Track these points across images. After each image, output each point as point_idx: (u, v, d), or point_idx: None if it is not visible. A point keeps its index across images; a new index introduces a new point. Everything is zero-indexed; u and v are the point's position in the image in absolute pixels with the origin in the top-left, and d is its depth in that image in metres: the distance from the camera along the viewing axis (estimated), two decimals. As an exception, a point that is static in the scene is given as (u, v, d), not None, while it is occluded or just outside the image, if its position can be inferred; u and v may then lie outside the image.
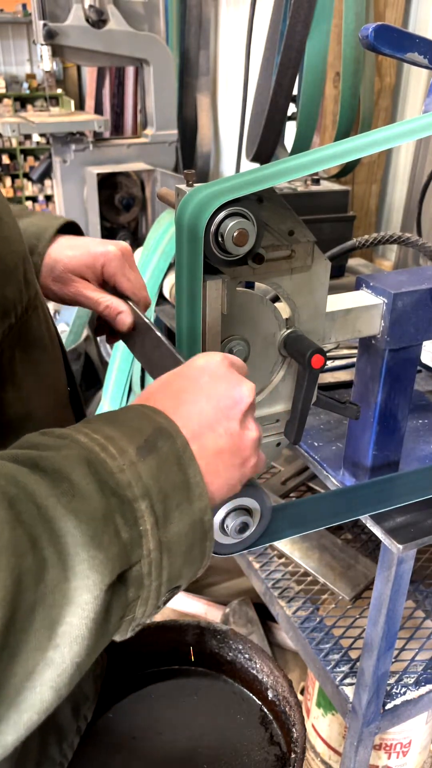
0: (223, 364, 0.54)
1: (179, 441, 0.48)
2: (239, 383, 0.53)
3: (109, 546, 0.42)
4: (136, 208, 2.70)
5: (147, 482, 0.45)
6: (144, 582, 0.45)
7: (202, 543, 0.49)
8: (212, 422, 0.51)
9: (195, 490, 0.48)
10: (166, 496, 0.46)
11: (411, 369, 0.87)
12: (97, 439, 0.46)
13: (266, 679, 1.01)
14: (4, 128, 2.51)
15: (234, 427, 0.52)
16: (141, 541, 0.44)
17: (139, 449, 0.46)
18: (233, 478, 0.53)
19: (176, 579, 0.48)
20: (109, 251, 0.77)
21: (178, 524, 0.46)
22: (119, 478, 0.44)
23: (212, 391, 0.52)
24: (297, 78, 1.86)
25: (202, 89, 3.15)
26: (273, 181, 0.58)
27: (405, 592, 0.95)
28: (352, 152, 0.61)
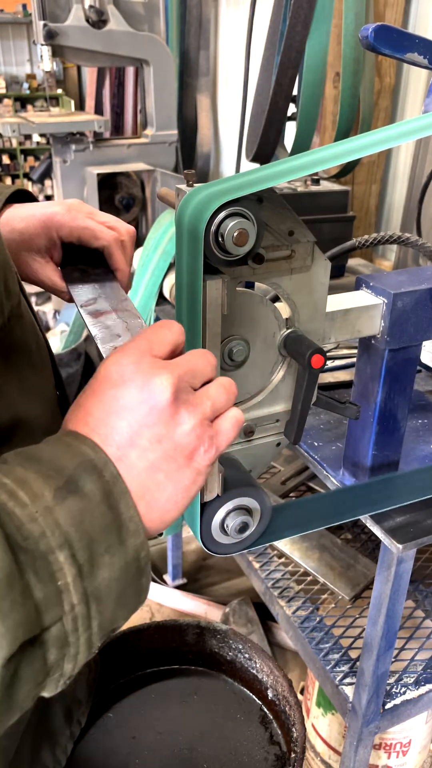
0: (130, 364, 0.47)
1: (107, 473, 0.43)
2: (149, 380, 0.46)
3: (9, 612, 0.37)
4: (136, 209, 2.70)
5: (66, 529, 0.40)
6: (69, 639, 0.40)
7: (137, 581, 0.44)
8: (132, 437, 0.45)
9: (128, 527, 0.43)
10: (92, 540, 0.41)
11: (411, 369, 0.87)
12: (6, 484, 0.40)
13: (266, 679, 1.01)
14: (4, 128, 2.52)
15: (160, 431, 0.46)
16: (60, 598, 0.39)
17: (58, 491, 0.41)
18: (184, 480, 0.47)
19: (109, 624, 0.43)
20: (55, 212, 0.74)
21: (108, 569, 0.42)
22: (30, 529, 0.39)
23: (121, 403, 0.46)
24: (297, 78, 1.86)
25: (202, 89, 3.16)
26: (273, 181, 0.58)
27: (405, 591, 0.95)
28: (352, 152, 0.61)
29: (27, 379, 0.63)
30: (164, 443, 0.46)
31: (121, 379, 0.46)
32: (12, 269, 0.63)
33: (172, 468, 0.46)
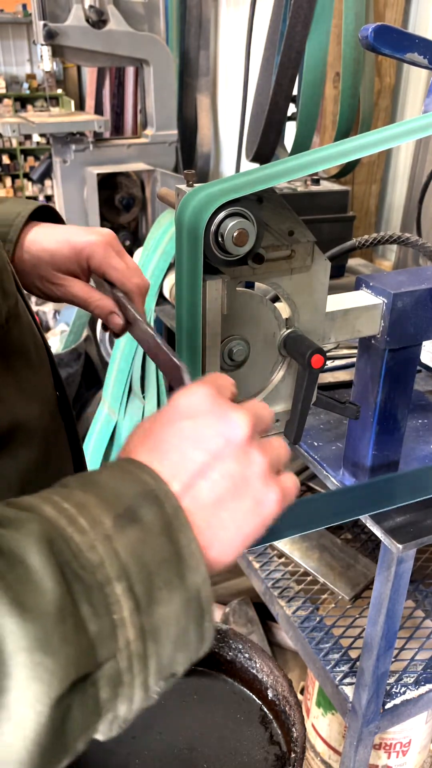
0: (206, 398, 0.46)
1: (168, 505, 0.41)
2: (227, 415, 0.45)
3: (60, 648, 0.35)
4: (136, 209, 2.71)
5: (124, 560, 0.38)
6: (123, 679, 0.38)
7: (199, 623, 0.41)
8: (204, 468, 0.44)
9: (189, 562, 0.41)
10: (150, 573, 0.39)
11: (411, 369, 0.87)
12: (67, 509, 0.39)
13: (266, 679, 1.01)
14: (4, 128, 2.52)
15: (231, 467, 0.44)
16: (115, 632, 0.37)
17: (118, 518, 0.39)
18: (247, 525, 0.45)
19: (169, 667, 0.41)
20: (91, 241, 0.73)
21: (167, 605, 0.39)
22: (88, 557, 0.37)
23: (199, 433, 0.45)
24: (297, 78, 1.86)
25: (202, 89, 3.15)
26: (273, 181, 0.58)
27: (405, 591, 0.95)
28: (352, 152, 0.61)
29: (26, 381, 0.62)
30: (235, 480, 0.44)
31: (199, 410, 0.46)
32: (8, 270, 0.62)
33: (238, 508, 0.45)
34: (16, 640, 0.34)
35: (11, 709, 0.33)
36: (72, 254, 0.73)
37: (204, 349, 0.64)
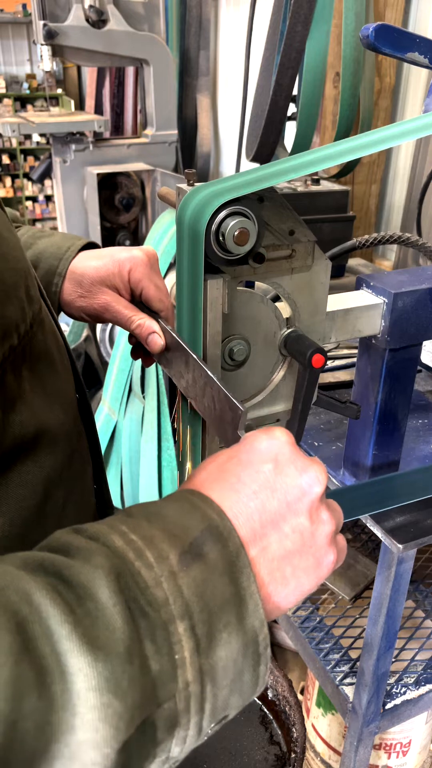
0: (288, 445, 0.46)
1: (232, 544, 0.40)
2: (307, 468, 0.45)
3: (128, 690, 0.34)
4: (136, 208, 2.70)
5: (188, 598, 0.37)
6: (179, 720, 0.37)
7: (254, 667, 0.41)
8: (277, 519, 0.43)
9: (248, 605, 0.40)
10: (212, 614, 0.38)
11: (411, 369, 0.87)
12: (134, 540, 0.39)
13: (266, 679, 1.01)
14: (4, 128, 2.51)
15: (303, 523, 0.44)
16: (176, 673, 0.36)
17: (183, 555, 0.39)
18: (305, 584, 0.45)
19: (222, 710, 0.40)
20: (134, 256, 0.75)
21: (226, 648, 0.39)
22: (154, 594, 0.37)
23: (278, 481, 0.44)
24: (297, 78, 1.86)
25: (202, 89, 3.15)
26: (274, 180, 0.58)
27: (405, 591, 0.95)
28: (352, 152, 0.61)
29: (50, 386, 0.62)
30: (305, 536, 0.44)
31: (280, 458, 0.45)
32: (32, 275, 0.61)
33: (302, 566, 0.44)
34: (86, 679, 0.33)
35: (78, 749, 0.33)
36: (115, 267, 0.74)
37: (204, 348, 0.64)
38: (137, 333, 0.73)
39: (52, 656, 0.33)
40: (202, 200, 0.57)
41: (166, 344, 0.70)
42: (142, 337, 0.72)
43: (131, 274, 0.74)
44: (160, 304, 0.75)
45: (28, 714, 0.31)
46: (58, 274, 0.75)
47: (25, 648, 0.32)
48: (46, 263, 0.76)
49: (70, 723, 0.32)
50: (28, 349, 0.58)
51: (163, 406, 2.05)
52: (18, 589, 0.34)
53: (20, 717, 0.31)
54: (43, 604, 0.34)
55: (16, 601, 0.34)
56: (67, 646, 0.33)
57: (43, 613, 0.34)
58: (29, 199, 7.05)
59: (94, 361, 2.71)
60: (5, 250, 0.55)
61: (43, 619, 0.34)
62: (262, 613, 0.41)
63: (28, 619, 0.33)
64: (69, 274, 0.75)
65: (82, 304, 0.75)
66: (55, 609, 0.34)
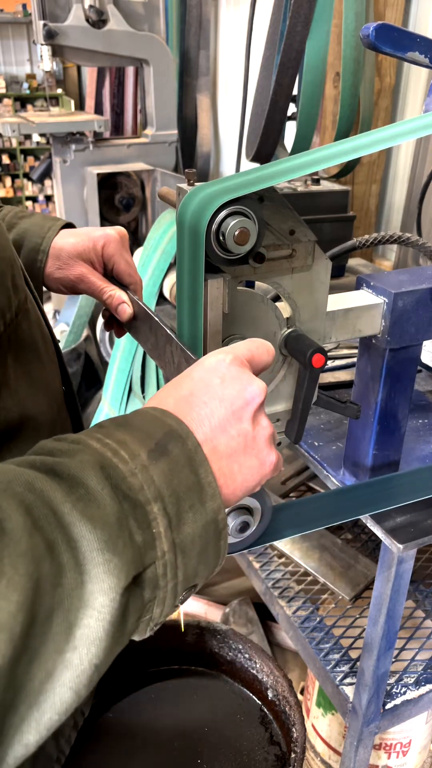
0: (234, 363, 0.53)
1: (190, 442, 0.48)
2: (250, 382, 0.53)
3: (123, 550, 0.42)
4: (136, 208, 2.70)
5: (159, 485, 0.45)
6: (159, 583, 0.45)
7: (216, 542, 0.49)
8: (224, 424, 0.51)
9: (207, 491, 0.48)
10: (179, 498, 0.46)
11: (411, 369, 0.87)
12: (109, 443, 0.46)
13: (266, 679, 1.01)
14: (4, 128, 2.51)
15: (246, 427, 0.52)
16: (155, 543, 0.44)
17: (150, 452, 0.46)
18: (251, 480, 0.53)
19: (192, 578, 0.48)
20: (108, 233, 0.82)
21: (192, 525, 0.46)
22: (131, 482, 0.44)
23: (224, 393, 0.52)
24: (297, 78, 1.86)
25: (202, 89, 3.15)
26: (274, 180, 0.58)
27: (405, 591, 0.95)
28: (352, 152, 0.61)
29: (35, 375, 0.65)
30: (247, 439, 0.52)
31: (228, 374, 0.52)
32: (18, 265, 0.65)
33: (247, 464, 0.52)
34: (89, 543, 0.41)
35: (90, 598, 0.40)
36: (90, 243, 0.82)
37: (205, 348, 0.64)
38: (108, 303, 0.80)
39: (57, 530, 0.40)
40: (203, 200, 0.57)
41: (134, 314, 0.78)
42: (112, 307, 0.80)
43: (104, 249, 0.82)
44: (129, 278, 0.83)
45: (45, 576, 0.38)
46: (42, 251, 0.81)
47: (35, 526, 0.39)
48: (30, 241, 0.82)
49: (80, 579, 0.40)
50: (13, 338, 0.62)
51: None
52: (21, 481, 0.42)
53: (40, 577, 0.38)
54: (45, 490, 0.41)
55: (21, 491, 0.41)
56: (69, 519, 0.41)
57: (45, 497, 0.41)
58: (29, 199, 7.05)
59: (94, 361, 2.71)
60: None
61: (46, 502, 0.41)
62: (219, 498, 0.48)
63: (33, 503, 0.40)
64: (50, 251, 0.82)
65: (60, 276, 0.82)
66: (55, 493, 0.42)
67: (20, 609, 0.37)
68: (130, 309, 0.79)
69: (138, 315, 0.77)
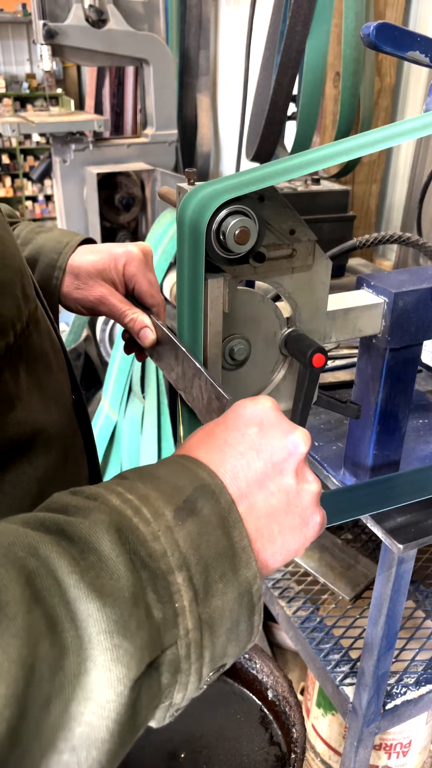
0: (273, 410, 0.48)
1: (223, 500, 0.43)
2: (291, 431, 0.47)
3: (137, 632, 0.36)
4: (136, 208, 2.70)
5: (185, 551, 0.40)
6: (181, 666, 0.39)
7: (249, 617, 0.43)
8: (262, 478, 0.45)
9: (241, 557, 0.42)
10: (207, 566, 0.40)
11: (411, 369, 0.87)
12: (131, 500, 0.41)
13: (266, 679, 1.01)
14: (4, 128, 2.51)
15: (289, 482, 0.46)
16: (177, 620, 0.39)
17: (177, 511, 0.41)
18: (292, 543, 0.46)
19: (220, 658, 0.42)
20: (130, 250, 0.77)
21: (222, 598, 0.41)
22: (153, 547, 0.39)
23: (263, 443, 0.46)
24: (297, 78, 1.86)
25: (202, 89, 3.15)
26: (274, 179, 0.58)
27: (405, 592, 0.94)
28: (352, 152, 0.61)
29: (46, 386, 0.62)
30: (290, 496, 0.46)
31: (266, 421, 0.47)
32: (28, 274, 0.62)
33: (288, 524, 0.46)
34: (96, 624, 0.35)
35: (93, 690, 0.34)
36: (111, 262, 0.76)
37: (205, 348, 0.64)
38: (130, 327, 0.75)
39: (61, 605, 0.35)
40: (203, 199, 0.57)
41: (158, 338, 0.72)
42: (134, 331, 0.74)
43: (126, 268, 0.77)
44: (151, 299, 0.77)
45: (43, 659, 0.33)
46: (59, 267, 0.76)
47: (35, 599, 0.34)
48: (46, 257, 0.77)
49: (84, 666, 0.34)
50: (25, 348, 0.58)
51: (163, 406, 2.04)
52: (24, 545, 0.36)
53: (36, 661, 0.33)
54: (50, 557, 0.36)
55: (23, 556, 0.36)
56: (76, 594, 0.35)
57: (50, 565, 0.36)
58: (29, 199, 7.05)
59: (94, 361, 2.71)
60: (1, 248, 0.55)
61: (50, 571, 0.36)
62: (255, 565, 0.42)
63: (36, 572, 0.35)
64: (68, 268, 0.77)
65: (78, 296, 0.77)
66: (61, 561, 0.36)
67: (7, 703, 0.31)
68: (153, 335, 0.73)
69: (161, 340, 0.72)
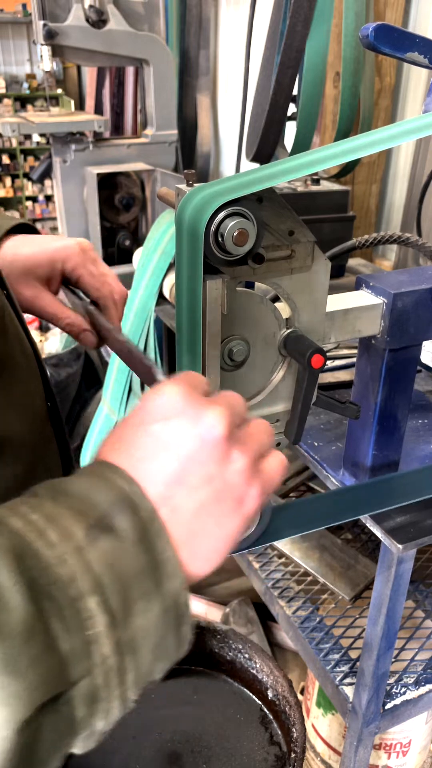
0: (178, 397, 0.43)
1: (143, 510, 0.39)
2: (201, 415, 0.43)
3: (28, 669, 0.33)
4: (136, 208, 2.70)
5: (98, 572, 0.36)
6: (100, 695, 0.37)
7: (177, 629, 0.40)
8: (180, 476, 0.41)
9: (165, 568, 0.39)
10: (126, 584, 0.37)
11: (411, 369, 0.87)
12: (34, 521, 0.37)
13: (266, 679, 1.01)
14: (4, 128, 2.51)
15: (210, 471, 0.42)
16: (90, 649, 0.36)
17: (90, 530, 0.37)
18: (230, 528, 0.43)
19: (147, 676, 0.40)
20: (67, 245, 0.74)
21: (145, 616, 0.38)
22: (58, 572, 0.36)
23: (171, 438, 0.42)
24: (297, 78, 1.86)
25: (202, 89, 3.15)
26: (273, 181, 0.58)
27: (405, 592, 0.95)
28: (352, 152, 0.61)
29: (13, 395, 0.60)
30: (215, 483, 0.42)
31: (172, 411, 0.43)
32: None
33: (221, 512, 0.43)
34: None
35: None
36: (46, 259, 0.73)
37: (204, 349, 0.64)
38: (68, 331, 0.73)
39: None
40: (201, 201, 0.57)
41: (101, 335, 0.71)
42: (73, 334, 0.73)
43: (65, 265, 0.74)
44: (97, 292, 0.75)
45: None
46: None
47: None
48: None
49: None
50: None
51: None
52: None
53: None
54: None
55: None
56: None
57: None
58: (29, 199, 7.05)
59: (94, 361, 2.71)
60: None
61: None
62: (181, 574, 0.40)
63: None
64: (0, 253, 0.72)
65: None
66: None
67: None
68: (94, 338, 0.71)
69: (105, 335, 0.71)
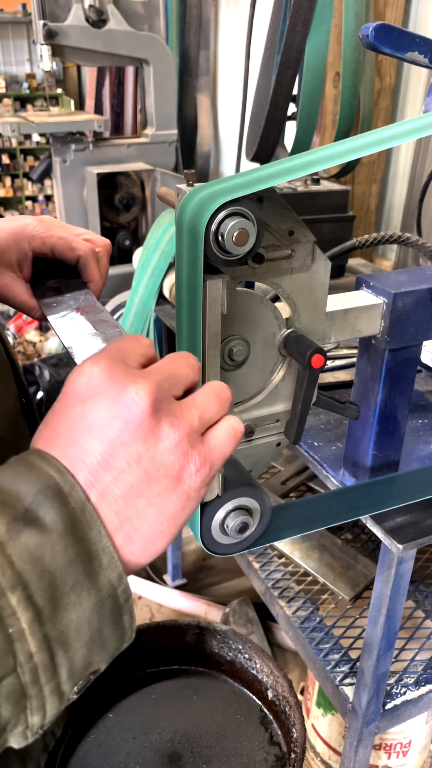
0: (97, 376, 0.41)
1: (73, 500, 0.38)
2: (122, 393, 0.40)
3: None
4: (136, 208, 2.70)
5: (20, 567, 0.35)
6: (28, 692, 0.36)
7: (116, 620, 0.39)
8: (106, 459, 0.39)
9: (101, 559, 0.38)
10: (55, 578, 0.36)
11: (411, 369, 0.87)
12: None
13: (266, 679, 1.01)
14: (4, 128, 2.52)
15: (138, 450, 0.40)
16: (12, 647, 0.35)
17: (12, 523, 0.36)
18: (170, 506, 0.41)
19: (84, 670, 0.39)
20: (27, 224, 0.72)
21: (77, 609, 0.37)
22: None
23: (91, 420, 0.40)
24: (297, 78, 1.86)
25: (202, 89, 3.15)
26: (273, 180, 0.58)
27: (405, 592, 0.95)
28: (352, 152, 0.61)
29: None
30: (144, 463, 0.40)
31: (91, 391, 0.40)
32: None
33: (156, 492, 0.40)
34: None
35: None
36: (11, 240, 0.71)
37: (204, 349, 0.64)
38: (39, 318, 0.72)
39: None
40: (201, 201, 0.57)
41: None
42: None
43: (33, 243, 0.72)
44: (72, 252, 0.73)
45: None
46: None
47: None
48: None
49: None
50: None
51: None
52: None
53: None
54: None
55: None
56: None
57: None
58: (29, 199, 7.05)
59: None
60: None
61: None
62: (118, 564, 0.39)
63: None
64: None
65: None
66: None
67: None
68: None
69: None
